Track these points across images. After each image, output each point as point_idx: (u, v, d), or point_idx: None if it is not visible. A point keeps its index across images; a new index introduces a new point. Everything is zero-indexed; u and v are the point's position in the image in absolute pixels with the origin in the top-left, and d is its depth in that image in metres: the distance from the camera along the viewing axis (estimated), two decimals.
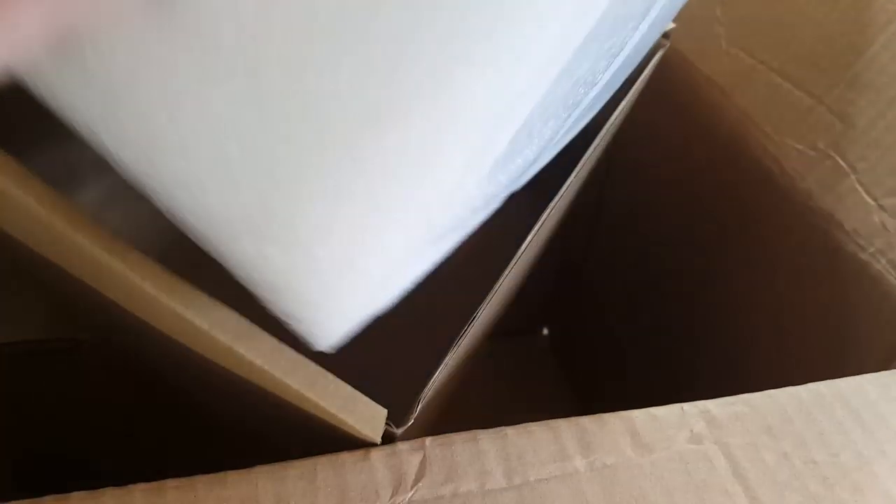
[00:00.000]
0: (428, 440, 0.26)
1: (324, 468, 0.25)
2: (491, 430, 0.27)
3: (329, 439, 0.26)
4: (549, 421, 0.27)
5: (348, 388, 0.25)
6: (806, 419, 0.28)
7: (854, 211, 0.39)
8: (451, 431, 0.27)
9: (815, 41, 0.41)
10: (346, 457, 0.26)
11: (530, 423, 0.27)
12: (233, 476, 0.25)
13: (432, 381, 0.27)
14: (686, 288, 0.52)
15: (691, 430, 0.27)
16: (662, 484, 0.26)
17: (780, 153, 0.42)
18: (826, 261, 0.40)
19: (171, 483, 0.25)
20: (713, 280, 0.50)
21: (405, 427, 0.26)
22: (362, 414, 0.25)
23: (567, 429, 0.27)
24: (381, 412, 0.26)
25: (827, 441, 0.27)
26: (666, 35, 0.38)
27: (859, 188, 0.39)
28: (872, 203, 0.38)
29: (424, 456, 0.26)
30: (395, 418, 0.26)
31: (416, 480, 0.25)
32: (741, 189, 0.45)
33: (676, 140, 0.49)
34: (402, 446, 0.26)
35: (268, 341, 0.23)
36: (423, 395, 0.27)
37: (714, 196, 0.48)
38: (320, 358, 0.24)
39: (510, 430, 0.27)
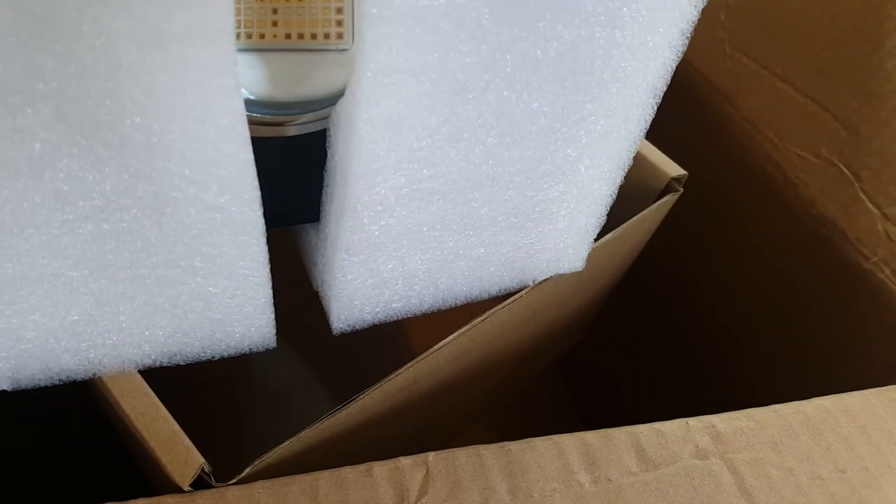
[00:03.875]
0: (431, 455, 0.26)
1: (326, 483, 0.25)
2: (494, 445, 0.26)
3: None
4: (553, 436, 0.27)
5: (175, 427, 0.25)
6: (812, 434, 0.27)
7: (858, 220, 0.38)
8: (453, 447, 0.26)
9: (819, 47, 0.41)
10: (348, 472, 0.25)
11: (534, 438, 0.27)
12: (233, 491, 0.25)
13: (273, 451, 0.26)
14: (687, 296, 0.52)
15: (696, 446, 0.27)
16: (668, 500, 0.25)
17: (783, 160, 0.42)
18: (829, 269, 0.40)
19: (170, 499, 0.24)
20: (714, 287, 0.49)
21: (226, 484, 0.25)
22: (179, 456, 0.25)
23: (571, 444, 0.26)
24: (197, 460, 0.25)
25: (833, 456, 0.27)
26: (677, 179, 0.37)
27: (863, 197, 0.38)
28: (877, 212, 0.38)
29: (427, 471, 0.26)
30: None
31: (419, 496, 0.25)
32: (743, 195, 0.45)
33: (677, 145, 0.49)
34: (405, 461, 0.26)
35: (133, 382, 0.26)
36: (256, 462, 0.26)
37: (715, 202, 0.48)
38: None
39: (514, 446, 0.26)
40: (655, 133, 0.50)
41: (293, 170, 0.25)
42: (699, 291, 0.51)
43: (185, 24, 0.17)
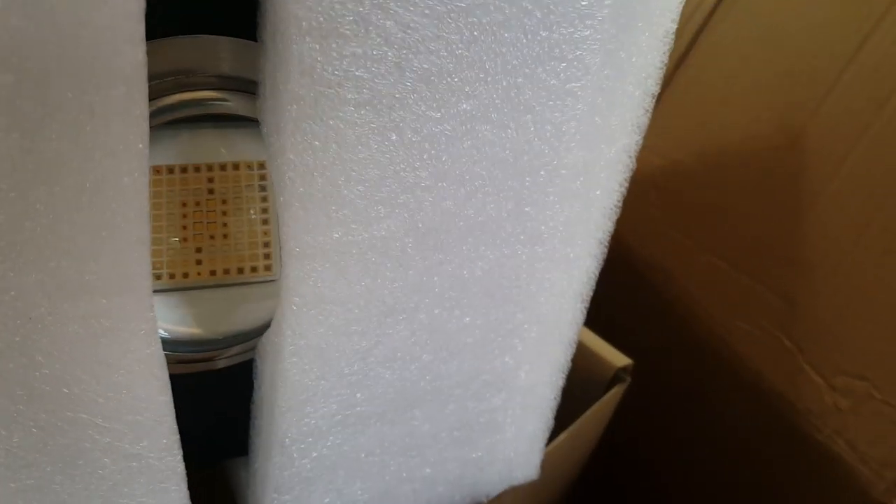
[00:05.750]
0: None
1: None
2: None
3: None
4: None
5: None
6: None
7: (805, 391, 0.38)
8: None
9: (747, 222, 0.42)
10: None
11: None
12: None
13: None
14: (642, 479, 0.51)
15: None
16: None
17: (726, 334, 0.43)
18: (781, 443, 0.40)
19: None
20: (667, 462, 0.48)
21: None
22: None
23: None
24: None
25: None
26: (624, 369, 0.38)
27: (808, 368, 0.39)
28: (822, 383, 0.38)
29: None
30: None
31: None
32: (691, 373, 0.45)
33: (622, 327, 0.49)
34: None
35: None
36: None
37: (666, 379, 0.48)
38: None
39: None
40: (599, 317, 0.51)
41: (223, 402, 0.25)
42: (654, 471, 0.50)
43: (99, 273, 0.17)
